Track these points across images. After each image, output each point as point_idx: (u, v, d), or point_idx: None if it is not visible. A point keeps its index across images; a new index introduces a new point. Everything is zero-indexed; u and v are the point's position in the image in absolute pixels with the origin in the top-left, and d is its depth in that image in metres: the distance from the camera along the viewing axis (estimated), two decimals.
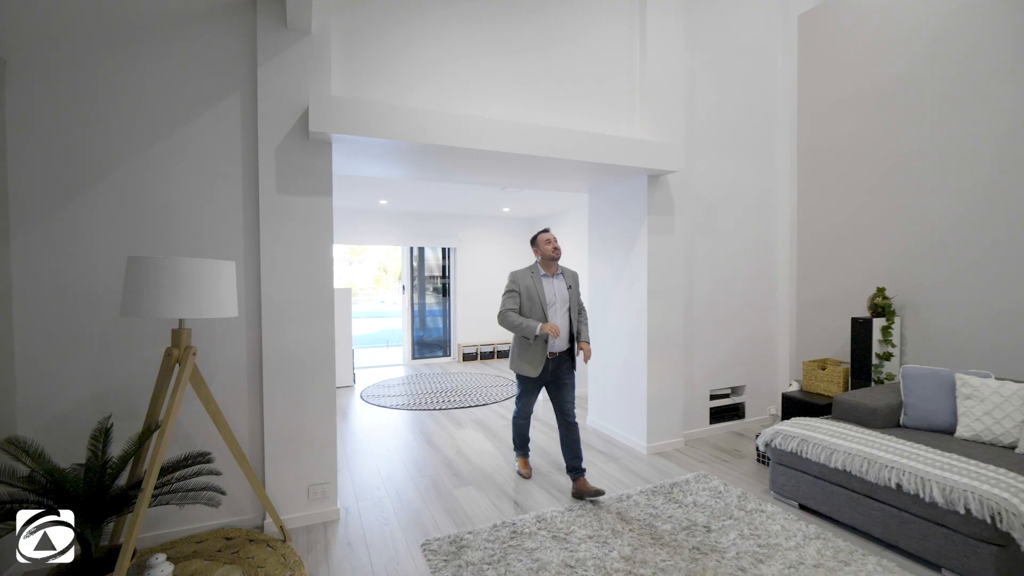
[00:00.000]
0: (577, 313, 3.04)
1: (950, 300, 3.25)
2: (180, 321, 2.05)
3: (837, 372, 3.66)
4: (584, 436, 3.89)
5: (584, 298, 3.86)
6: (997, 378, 2.83)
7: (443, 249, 8.11)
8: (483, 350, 8.00)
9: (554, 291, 2.97)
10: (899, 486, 2.23)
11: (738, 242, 4.14)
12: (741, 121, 4.14)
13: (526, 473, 3.24)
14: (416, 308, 8.00)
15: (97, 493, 1.80)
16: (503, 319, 2.89)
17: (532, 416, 3.27)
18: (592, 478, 3.14)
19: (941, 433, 2.81)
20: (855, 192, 3.79)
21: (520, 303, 2.93)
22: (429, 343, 8.15)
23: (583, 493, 2.85)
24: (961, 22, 3.17)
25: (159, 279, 1.88)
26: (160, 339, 2.35)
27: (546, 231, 3.06)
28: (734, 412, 4.21)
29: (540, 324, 2.80)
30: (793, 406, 3.66)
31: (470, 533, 2.48)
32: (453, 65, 2.99)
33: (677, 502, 2.79)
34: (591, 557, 2.25)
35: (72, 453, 2.07)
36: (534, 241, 3.04)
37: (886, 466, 2.30)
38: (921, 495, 2.15)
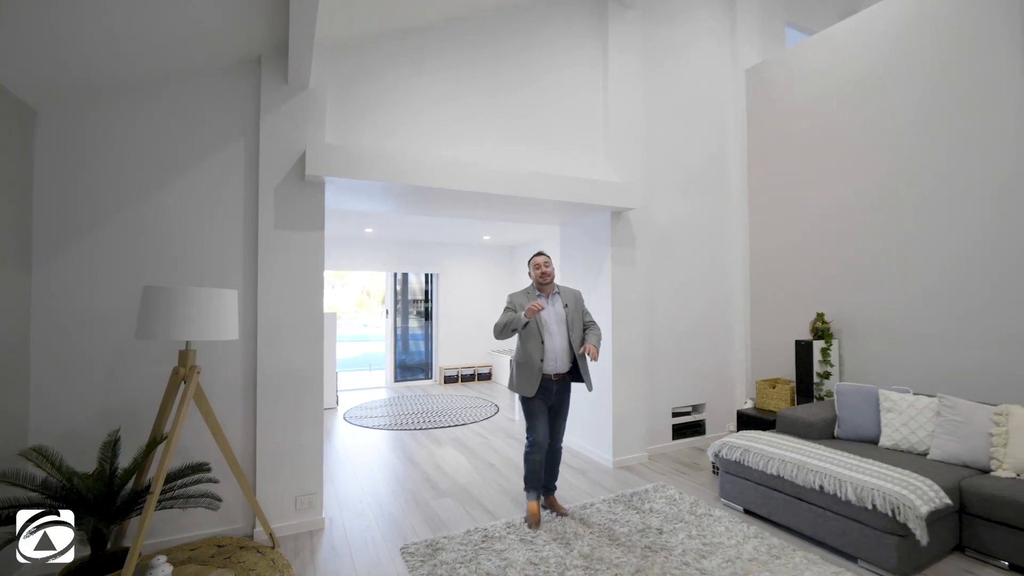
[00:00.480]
0: (578, 331, 2.97)
1: (880, 324, 3.65)
2: (187, 343, 2.31)
3: (785, 390, 4.02)
4: None
5: None
6: (915, 393, 3.21)
7: (426, 275, 8.40)
8: (464, 373, 8.23)
9: (550, 311, 2.95)
10: (822, 488, 2.55)
11: (695, 271, 4.53)
12: (697, 162, 4.59)
13: (533, 520, 2.86)
14: (399, 332, 8.23)
15: (108, 497, 2.02)
16: (495, 328, 2.89)
17: (545, 449, 2.93)
18: (560, 489, 3.39)
19: (867, 443, 3.16)
20: (799, 227, 4.22)
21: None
22: (411, 366, 8.35)
23: (554, 509, 3.05)
24: (880, 78, 3.66)
25: (171, 306, 2.14)
26: (163, 360, 2.58)
27: (538, 255, 3.05)
28: (695, 428, 4.52)
29: (524, 311, 2.78)
30: (747, 422, 3.99)
31: (445, 538, 2.71)
32: (432, 110, 3.35)
33: (635, 509, 3.06)
34: (553, 555, 2.50)
35: (81, 465, 2.28)
36: (529, 263, 3.07)
37: (812, 471, 2.62)
38: (839, 495, 2.47)
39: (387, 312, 8.18)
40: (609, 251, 3.96)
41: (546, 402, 2.93)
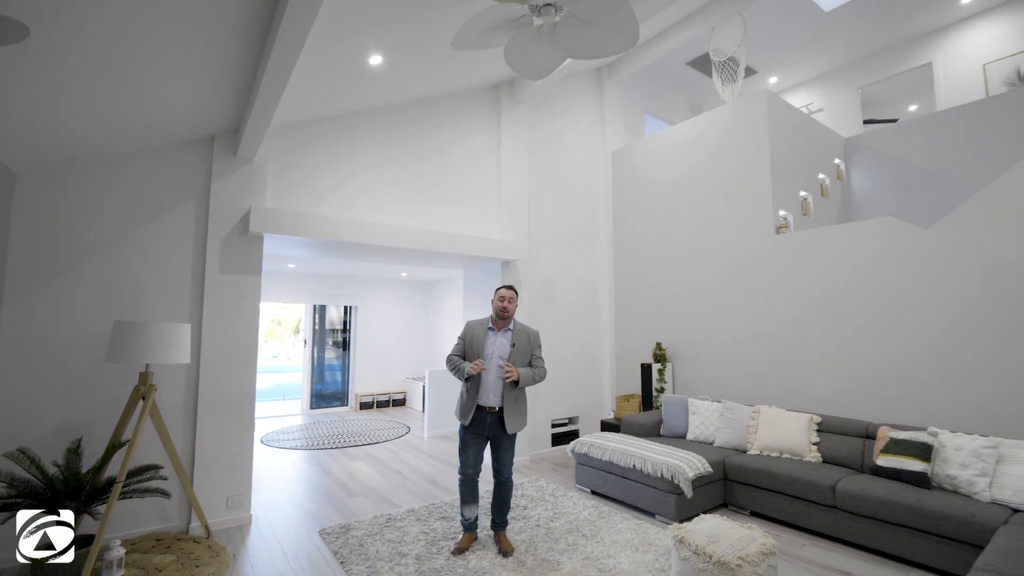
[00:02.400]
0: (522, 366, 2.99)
1: (698, 351, 4.92)
2: (147, 365, 2.89)
3: (635, 402, 5.17)
4: (451, 460, 4.94)
5: None
6: (712, 400, 4.44)
7: (346, 306, 8.92)
8: (379, 399, 8.76)
9: (494, 345, 2.97)
10: (634, 467, 3.60)
11: (572, 309, 5.64)
12: (573, 222, 5.77)
13: (457, 549, 2.94)
14: (315, 361, 8.62)
15: (77, 490, 2.54)
16: (447, 362, 3.03)
17: (477, 482, 3.04)
18: (450, 485, 4.18)
19: (679, 437, 4.32)
20: (647, 276, 5.49)
21: (464, 351, 3.04)
22: (326, 395, 8.73)
23: (499, 545, 2.99)
24: (700, 166, 5.06)
25: (138, 336, 2.75)
26: (117, 383, 3.09)
27: (505, 288, 3.06)
28: (571, 436, 5.53)
29: (470, 365, 2.86)
30: (607, 427, 5.06)
31: (356, 522, 3.41)
32: (356, 180, 4.18)
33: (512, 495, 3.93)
34: (440, 527, 3.30)
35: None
36: (496, 292, 3.10)
37: (630, 456, 3.67)
38: (644, 470, 3.52)
39: (305, 342, 8.56)
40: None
41: (482, 433, 2.96)
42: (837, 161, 5.50)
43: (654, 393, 5.02)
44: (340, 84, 3.66)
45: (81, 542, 2.58)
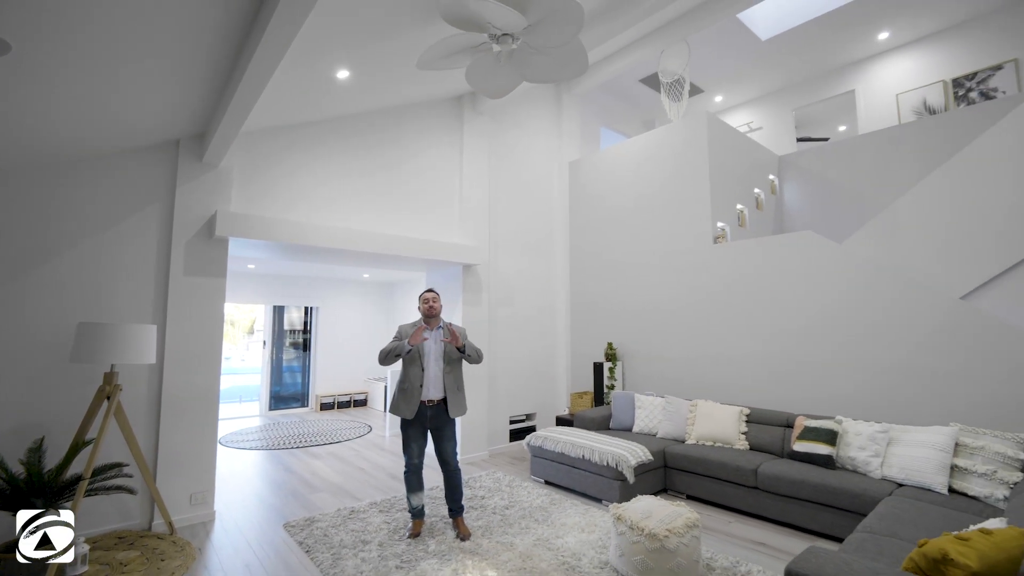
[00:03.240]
0: (453, 362, 3.31)
1: (645, 351, 5.29)
2: (112, 366, 2.95)
3: (588, 398, 5.50)
4: None
5: None
6: (657, 396, 4.82)
7: (306, 307, 8.90)
8: (340, 400, 8.79)
9: (430, 342, 3.26)
10: (583, 457, 3.90)
11: (530, 311, 5.93)
12: (531, 229, 6.06)
13: (412, 533, 3.20)
14: (274, 362, 8.55)
15: (40, 488, 2.59)
16: (380, 354, 3.23)
17: (422, 472, 3.29)
18: None
19: (626, 430, 4.67)
20: (601, 280, 5.85)
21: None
22: (285, 397, 8.67)
23: (458, 531, 3.21)
24: (647, 179, 5.45)
25: (103, 337, 2.82)
26: (79, 383, 3.13)
27: (427, 291, 3.37)
28: (529, 431, 5.81)
29: (407, 339, 3.16)
30: (562, 423, 5.36)
31: (320, 515, 3.55)
32: (324, 188, 4.31)
33: (470, 487, 4.17)
34: (402, 517, 3.50)
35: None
36: (420, 298, 3.37)
37: (580, 447, 3.97)
38: (592, 460, 3.83)
39: (265, 343, 8.49)
40: (461, 295, 5.17)
41: (424, 425, 3.24)
42: (771, 177, 6.03)
43: (605, 390, 5.37)
44: (306, 94, 3.79)
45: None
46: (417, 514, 3.28)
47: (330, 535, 3.21)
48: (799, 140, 6.90)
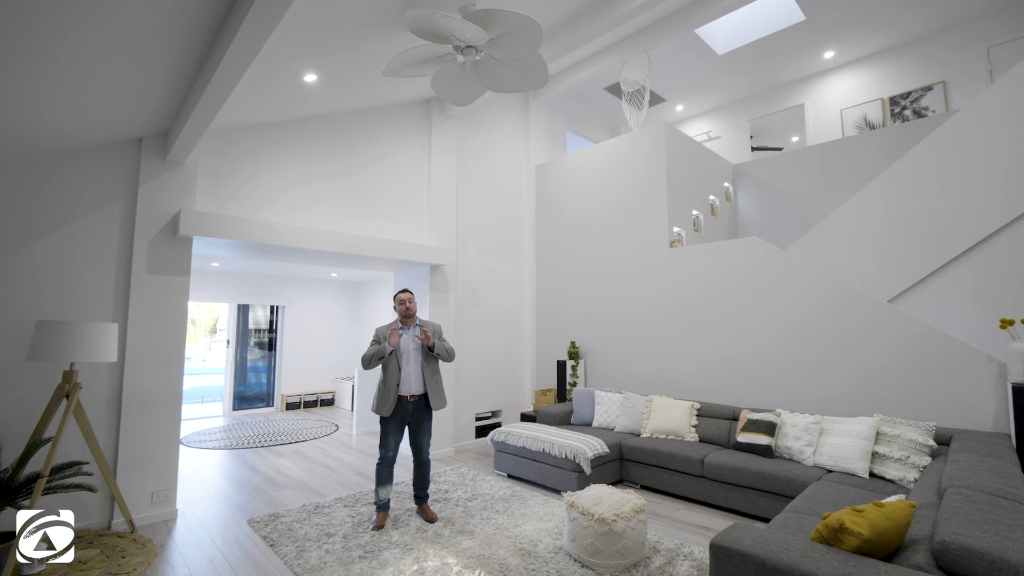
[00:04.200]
0: (431, 358, 3.46)
1: (606, 349, 5.52)
2: (72, 364, 2.94)
3: (552, 395, 5.69)
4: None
5: None
6: (616, 392, 5.04)
7: (271, 306, 8.80)
8: (307, 399, 8.73)
9: (408, 341, 3.42)
10: (544, 451, 4.08)
11: (496, 311, 6.08)
12: (499, 230, 6.21)
13: (376, 525, 3.28)
14: (239, 362, 8.43)
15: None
16: (362, 359, 3.34)
17: (394, 466, 3.42)
18: None
19: (587, 424, 4.88)
20: (566, 281, 6.04)
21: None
22: (249, 397, 8.55)
23: (424, 516, 3.43)
24: (610, 183, 5.67)
25: (63, 335, 2.81)
26: (34, 381, 3.09)
27: (402, 291, 3.51)
28: (495, 428, 5.96)
29: (387, 340, 3.29)
30: (527, 419, 5.53)
31: (285, 511, 3.61)
32: (291, 187, 4.34)
33: (435, 481, 4.28)
34: (367, 511, 3.59)
35: None
36: (395, 299, 3.52)
37: (541, 441, 4.14)
38: (552, 453, 4.01)
39: (229, 342, 8.36)
40: (428, 295, 5.27)
41: (402, 421, 3.39)
42: (726, 184, 6.36)
43: (568, 387, 5.57)
44: (274, 95, 3.83)
45: (1, 538, 2.62)
46: (383, 507, 3.40)
47: (295, 529, 3.28)
48: (754, 149, 7.29)
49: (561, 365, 5.61)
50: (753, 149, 7.28)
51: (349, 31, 3.27)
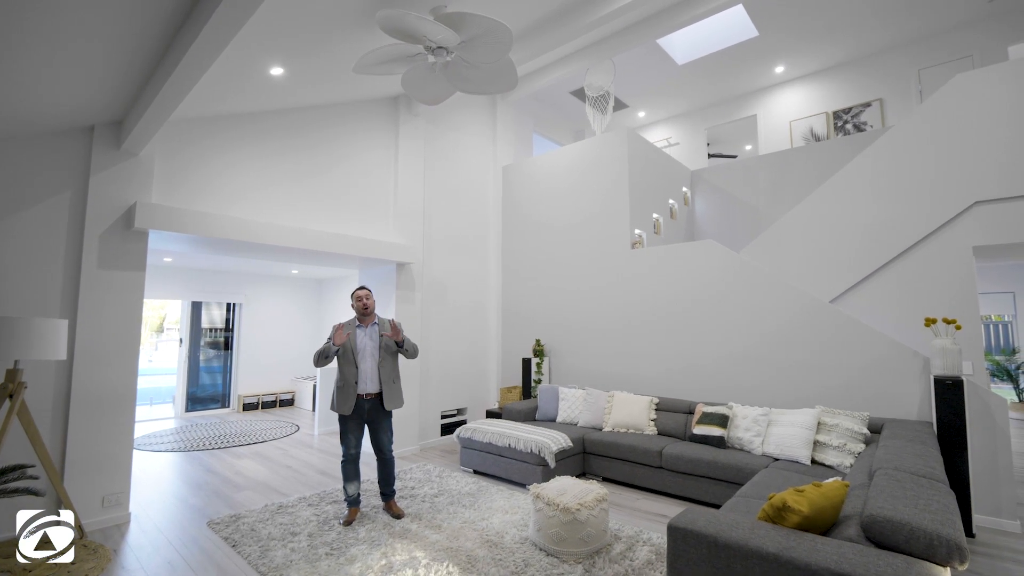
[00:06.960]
0: (388, 356, 3.44)
1: (570, 347, 5.66)
2: (16, 362, 2.80)
3: (517, 392, 5.78)
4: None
5: None
6: (579, 388, 5.19)
7: (228, 304, 8.49)
8: (265, 400, 8.48)
9: (365, 339, 3.40)
10: (509, 446, 4.16)
11: (462, 310, 6.12)
12: (465, 230, 6.25)
13: (346, 521, 3.30)
14: (191, 362, 8.10)
15: None
16: (314, 356, 3.30)
17: (358, 462, 3.42)
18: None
19: (551, 420, 5.00)
20: (531, 280, 6.15)
21: (335, 350, 3.34)
22: (203, 398, 8.23)
23: (391, 512, 3.46)
24: (576, 186, 5.81)
25: (6, 331, 2.67)
26: None
27: (360, 289, 3.50)
28: (460, 425, 5.99)
29: (332, 338, 3.23)
30: (492, 416, 5.60)
31: (246, 512, 3.54)
32: (254, 182, 4.25)
33: (401, 479, 4.29)
34: (332, 509, 3.57)
35: None
36: (352, 296, 3.48)
37: (506, 437, 4.22)
38: (517, 448, 4.10)
39: (181, 341, 8.02)
40: (395, 292, 5.26)
41: (361, 419, 3.38)
42: (685, 189, 6.63)
43: (533, 384, 5.68)
44: (238, 86, 3.74)
45: None
46: (353, 502, 3.41)
47: (257, 529, 3.23)
48: (711, 156, 7.62)
49: (526, 363, 5.71)
50: (710, 156, 7.62)
51: (320, 24, 3.24)
